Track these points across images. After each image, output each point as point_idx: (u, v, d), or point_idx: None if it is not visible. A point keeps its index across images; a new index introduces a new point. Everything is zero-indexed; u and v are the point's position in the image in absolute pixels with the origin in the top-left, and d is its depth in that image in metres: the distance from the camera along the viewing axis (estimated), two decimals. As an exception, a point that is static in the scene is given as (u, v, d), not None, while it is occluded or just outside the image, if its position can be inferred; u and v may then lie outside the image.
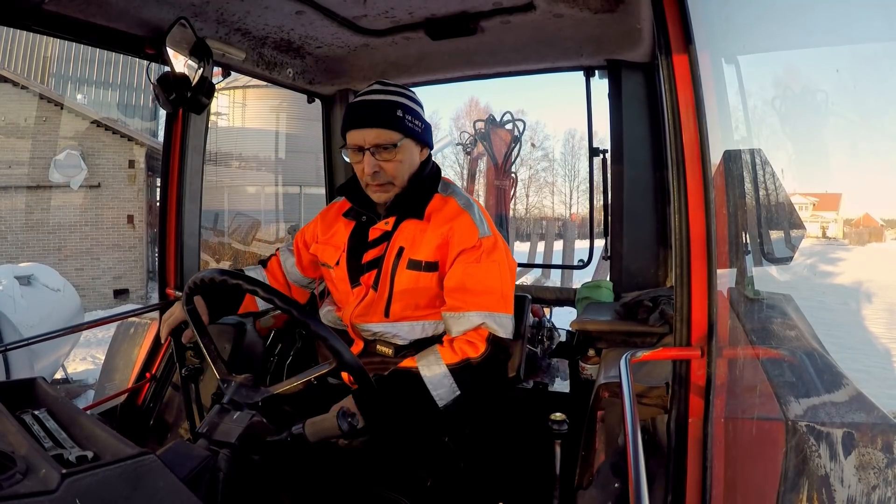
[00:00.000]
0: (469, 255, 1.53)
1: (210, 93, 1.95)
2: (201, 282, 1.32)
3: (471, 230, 1.55)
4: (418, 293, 1.58)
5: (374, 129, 1.51)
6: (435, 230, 1.57)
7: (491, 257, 1.55)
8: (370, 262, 1.63)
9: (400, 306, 1.59)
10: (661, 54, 1.18)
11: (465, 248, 1.53)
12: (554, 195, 37.01)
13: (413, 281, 1.57)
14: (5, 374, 4.04)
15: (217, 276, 1.27)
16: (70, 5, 1.60)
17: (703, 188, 1.16)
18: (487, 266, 1.54)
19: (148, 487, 0.79)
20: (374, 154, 1.52)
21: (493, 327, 1.49)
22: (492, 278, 1.54)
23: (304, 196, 14.86)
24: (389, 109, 1.52)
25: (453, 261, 1.54)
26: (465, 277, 1.52)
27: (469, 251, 1.54)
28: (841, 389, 1.25)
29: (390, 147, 1.52)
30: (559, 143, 47.86)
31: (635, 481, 0.88)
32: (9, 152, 11.93)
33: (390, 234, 1.62)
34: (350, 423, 1.15)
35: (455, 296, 1.52)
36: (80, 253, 12.40)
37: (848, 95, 15.71)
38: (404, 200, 1.60)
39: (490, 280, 1.53)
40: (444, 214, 1.59)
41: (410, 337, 1.62)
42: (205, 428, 1.12)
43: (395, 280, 1.58)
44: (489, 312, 1.50)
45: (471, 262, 1.53)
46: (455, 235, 1.54)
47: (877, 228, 35.03)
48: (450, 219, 1.57)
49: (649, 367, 1.51)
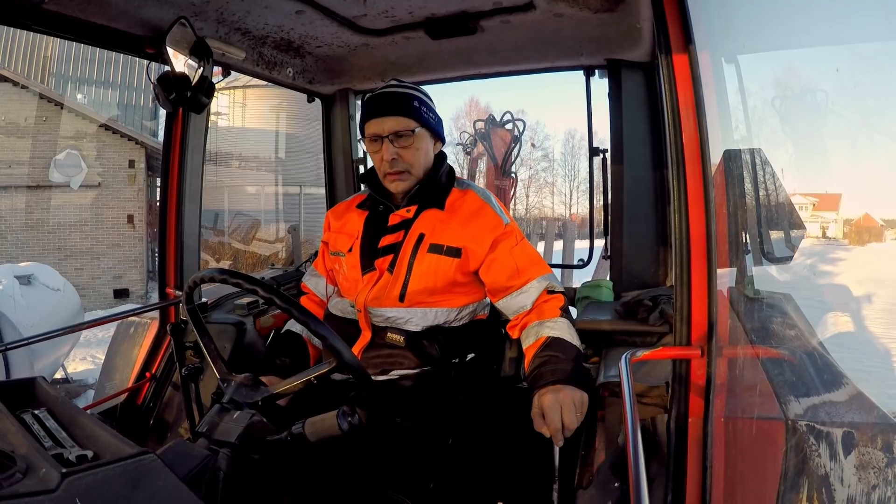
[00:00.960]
0: (506, 243, 1.64)
1: (210, 92, 1.94)
2: (202, 281, 1.32)
3: (496, 220, 1.66)
4: (437, 277, 1.62)
5: (392, 117, 1.60)
6: (458, 220, 1.65)
7: (521, 238, 1.69)
8: (386, 246, 1.67)
9: (416, 290, 1.62)
10: (661, 54, 1.18)
11: (496, 236, 1.63)
12: (554, 195, 37.01)
13: (433, 264, 1.62)
14: (5, 373, 4.04)
15: (217, 276, 1.28)
16: (70, 5, 1.59)
17: (703, 188, 1.16)
18: (524, 244, 1.68)
19: (148, 487, 0.79)
20: (393, 142, 1.60)
21: (554, 286, 1.64)
22: (532, 252, 1.69)
23: (304, 196, 14.86)
24: (406, 100, 1.61)
25: (487, 252, 1.63)
26: (514, 260, 1.63)
27: (502, 239, 1.64)
28: (841, 389, 1.25)
29: (408, 134, 1.60)
30: (559, 143, 47.89)
31: (635, 481, 0.88)
32: (9, 152, 11.93)
33: (410, 222, 1.67)
34: (350, 423, 1.15)
35: (513, 278, 1.62)
36: (80, 253, 12.40)
37: (848, 95, 15.70)
38: (425, 191, 1.68)
39: (532, 253, 1.68)
40: (465, 205, 1.68)
41: (423, 324, 1.63)
42: (205, 427, 1.12)
43: (413, 263, 1.62)
44: (546, 275, 1.65)
45: (511, 246, 1.64)
46: (483, 227, 1.64)
47: (877, 228, 35.03)
48: (474, 211, 1.67)
49: (649, 366, 1.51)
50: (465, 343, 1.72)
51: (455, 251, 1.62)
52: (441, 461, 1.57)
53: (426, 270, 1.62)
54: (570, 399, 1.39)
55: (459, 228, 1.63)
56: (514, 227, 1.69)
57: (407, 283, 1.62)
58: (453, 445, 1.61)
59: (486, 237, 1.63)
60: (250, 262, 12.02)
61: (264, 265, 11.69)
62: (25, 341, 1.76)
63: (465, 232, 1.63)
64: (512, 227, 1.67)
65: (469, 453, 1.65)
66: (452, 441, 1.62)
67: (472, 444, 1.67)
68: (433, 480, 1.50)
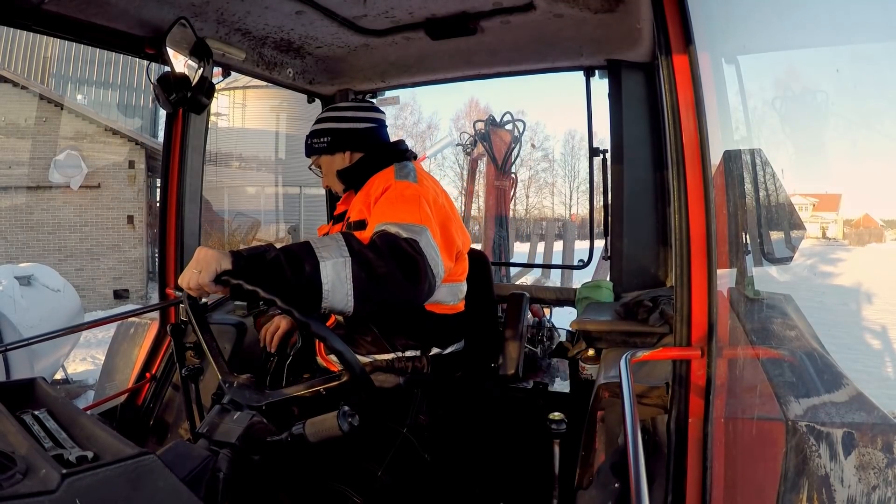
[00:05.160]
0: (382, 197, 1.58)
1: (210, 93, 1.95)
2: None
3: (387, 178, 1.66)
4: None
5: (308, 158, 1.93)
6: (365, 192, 1.71)
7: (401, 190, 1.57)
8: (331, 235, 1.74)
9: None
10: (661, 54, 1.18)
11: (378, 195, 1.61)
12: (554, 196, 37.02)
13: None
14: (5, 374, 4.04)
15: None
16: (70, 5, 1.60)
17: (703, 188, 1.16)
18: (396, 194, 1.56)
19: (148, 487, 0.79)
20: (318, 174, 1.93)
21: (392, 230, 1.40)
22: (399, 198, 1.54)
23: (304, 196, 14.85)
24: (306, 143, 1.90)
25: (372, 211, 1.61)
26: (376, 211, 1.55)
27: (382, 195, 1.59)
28: (841, 389, 1.25)
29: (316, 168, 1.93)
30: (559, 143, 47.81)
31: (635, 481, 0.88)
32: (9, 152, 11.93)
33: (345, 211, 1.83)
34: (350, 423, 1.15)
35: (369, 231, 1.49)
36: (80, 253, 12.39)
37: (848, 96, 15.72)
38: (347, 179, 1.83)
39: (397, 199, 1.54)
40: (375, 179, 1.72)
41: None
42: (205, 428, 1.12)
43: None
44: (393, 222, 1.43)
45: (383, 199, 1.57)
46: (374, 190, 1.65)
47: (877, 229, 35.03)
48: (376, 179, 1.71)
49: (649, 367, 1.51)
50: (436, 334, 1.72)
51: (360, 224, 1.65)
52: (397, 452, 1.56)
53: None
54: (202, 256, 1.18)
55: (362, 200, 1.70)
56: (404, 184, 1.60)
57: None
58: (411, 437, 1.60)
59: (373, 197, 1.62)
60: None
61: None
62: (25, 342, 1.76)
63: (366, 202, 1.66)
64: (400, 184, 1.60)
65: (433, 444, 1.64)
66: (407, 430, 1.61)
67: (434, 435, 1.66)
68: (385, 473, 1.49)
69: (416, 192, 1.58)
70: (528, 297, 2.13)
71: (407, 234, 1.39)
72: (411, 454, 1.58)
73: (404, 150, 1.85)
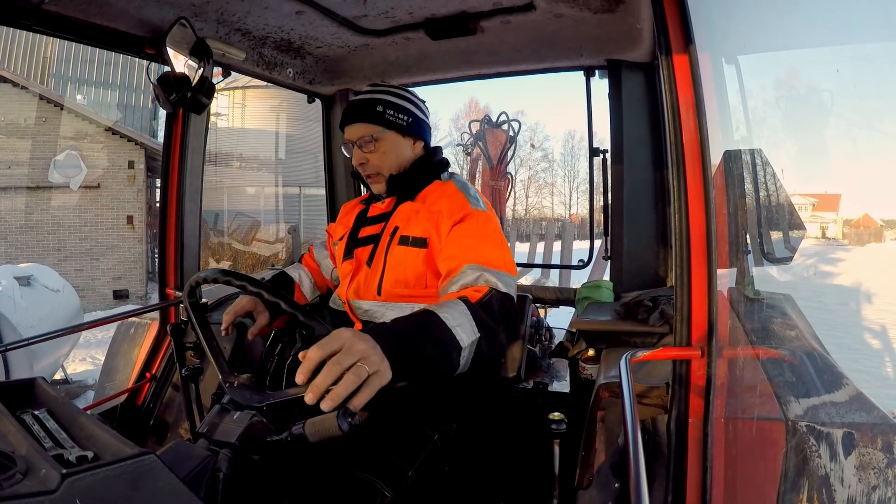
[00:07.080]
0: (461, 225, 1.53)
1: (210, 93, 1.94)
2: (203, 281, 1.33)
3: (462, 203, 1.58)
4: (407, 269, 1.60)
5: (357, 124, 1.66)
6: (427, 208, 1.62)
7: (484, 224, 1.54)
8: (366, 237, 1.71)
9: (391, 283, 1.62)
10: (661, 54, 1.18)
11: (456, 220, 1.54)
12: (553, 196, 37.05)
13: (403, 256, 1.61)
14: (5, 374, 4.04)
15: (221, 277, 1.29)
16: (70, 5, 1.59)
17: (703, 188, 1.16)
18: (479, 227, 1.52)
19: (148, 487, 0.79)
20: (361, 147, 1.66)
21: (492, 280, 1.39)
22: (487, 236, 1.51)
23: (304, 196, 14.85)
24: (369, 106, 1.65)
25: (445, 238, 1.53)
26: (458, 239, 1.50)
27: (461, 223, 1.53)
28: (841, 389, 1.25)
29: (372, 140, 1.64)
30: (559, 143, 47.85)
31: (635, 481, 0.88)
32: (9, 153, 11.92)
33: (388, 215, 1.70)
34: (350, 424, 1.15)
35: (450, 260, 1.47)
36: (79, 253, 12.39)
37: (848, 96, 15.73)
38: (400, 184, 1.68)
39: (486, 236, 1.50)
40: (438, 194, 1.65)
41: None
42: (205, 428, 1.12)
43: (388, 256, 1.63)
44: (486, 266, 1.41)
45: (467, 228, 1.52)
46: (446, 210, 1.56)
47: (876, 229, 35.05)
48: (441, 196, 1.63)
49: (649, 367, 1.51)
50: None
51: (421, 241, 1.58)
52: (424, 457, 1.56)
53: (397, 262, 1.61)
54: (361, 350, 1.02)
55: (426, 217, 1.59)
56: (486, 216, 1.56)
57: (383, 277, 1.62)
58: (439, 444, 1.60)
59: (446, 220, 1.54)
60: (250, 262, 12.02)
61: (264, 266, 11.70)
62: (25, 342, 1.76)
63: (431, 220, 1.58)
64: (483, 215, 1.56)
65: (456, 455, 1.64)
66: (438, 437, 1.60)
67: (460, 445, 1.66)
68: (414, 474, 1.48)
69: (497, 226, 1.58)
70: (530, 299, 2.12)
71: (505, 288, 1.42)
72: (439, 460, 1.57)
73: (445, 159, 1.79)
